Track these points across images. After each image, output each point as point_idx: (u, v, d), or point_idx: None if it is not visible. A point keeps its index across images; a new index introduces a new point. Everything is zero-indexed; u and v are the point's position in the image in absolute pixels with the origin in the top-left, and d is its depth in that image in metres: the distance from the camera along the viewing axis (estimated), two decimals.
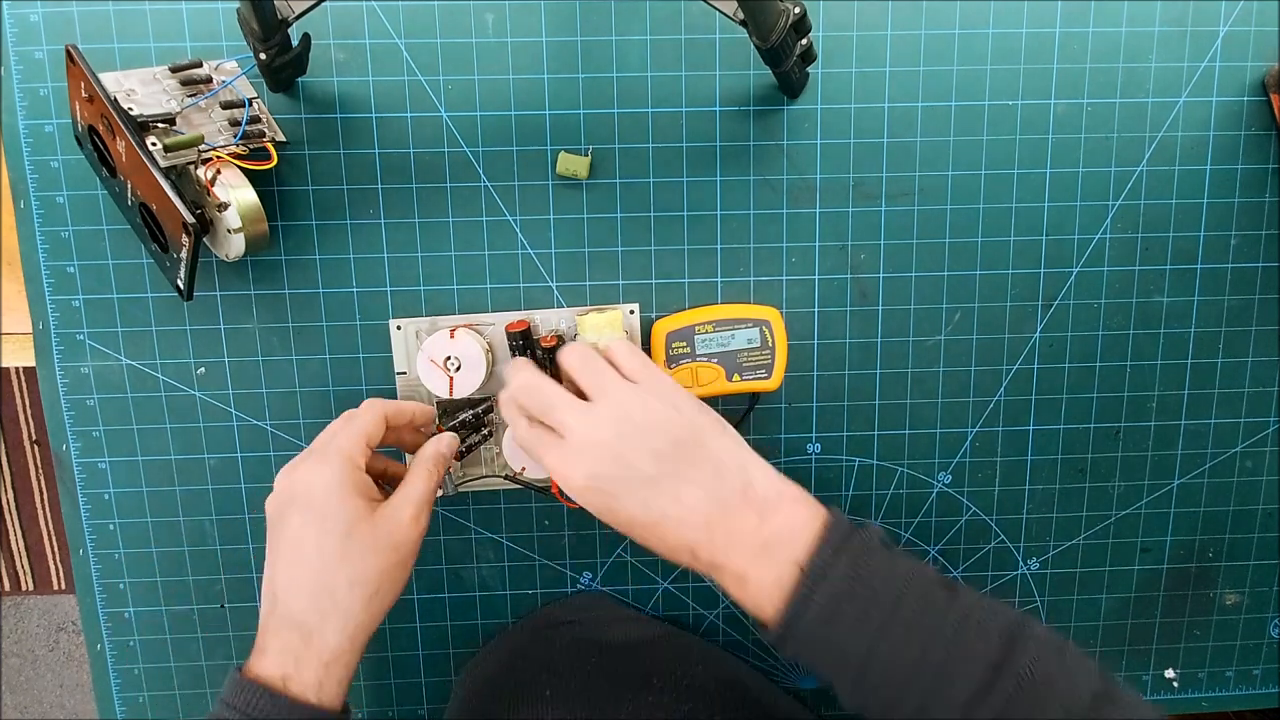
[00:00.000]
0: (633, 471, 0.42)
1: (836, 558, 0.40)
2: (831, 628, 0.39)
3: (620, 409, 0.44)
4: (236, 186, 0.48)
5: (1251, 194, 0.56)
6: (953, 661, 0.38)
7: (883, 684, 0.39)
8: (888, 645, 0.39)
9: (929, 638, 0.38)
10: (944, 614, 0.39)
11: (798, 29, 0.46)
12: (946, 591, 0.40)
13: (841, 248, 0.55)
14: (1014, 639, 0.38)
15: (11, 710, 1.52)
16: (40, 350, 0.54)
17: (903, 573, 0.40)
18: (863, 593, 0.39)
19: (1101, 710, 0.37)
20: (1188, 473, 0.59)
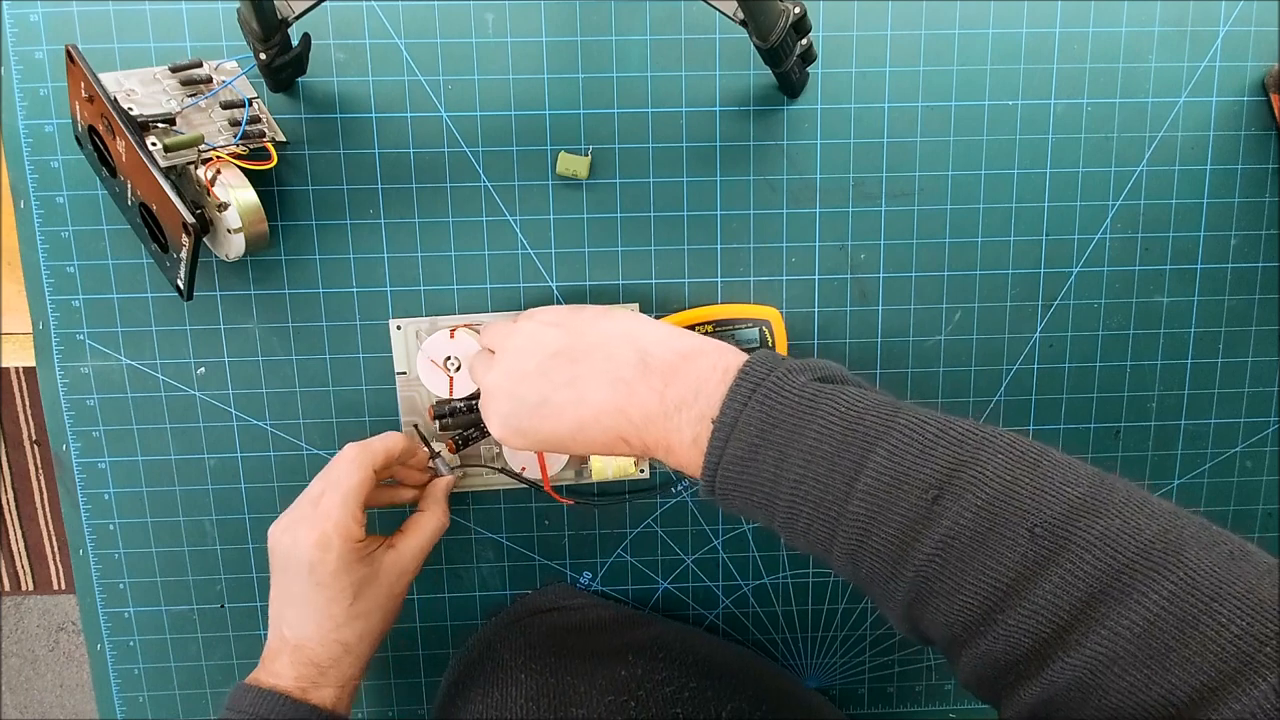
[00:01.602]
0: (527, 399, 0.43)
1: (749, 402, 0.37)
2: (749, 473, 0.37)
3: (508, 350, 0.45)
4: (236, 186, 0.48)
5: (1251, 194, 0.56)
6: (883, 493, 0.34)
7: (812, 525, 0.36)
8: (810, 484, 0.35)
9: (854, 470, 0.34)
10: (874, 441, 0.34)
11: (798, 29, 0.46)
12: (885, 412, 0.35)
13: (841, 248, 0.55)
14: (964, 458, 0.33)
15: (11, 710, 1.52)
16: (40, 350, 0.54)
17: (828, 403, 0.36)
18: (778, 434, 0.36)
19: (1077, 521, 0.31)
20: (1188, 473, 0.59)
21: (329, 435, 0.56)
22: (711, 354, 0.40)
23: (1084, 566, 0.30)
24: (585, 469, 0.56)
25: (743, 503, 0.38)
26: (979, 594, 0.32)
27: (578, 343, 0.43)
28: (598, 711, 0.47)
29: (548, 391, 0.42)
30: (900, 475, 0.33)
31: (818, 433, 0.35)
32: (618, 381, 0.41)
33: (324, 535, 0.46)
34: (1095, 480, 0.33)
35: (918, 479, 0.33)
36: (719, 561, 0.59)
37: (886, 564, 0.34)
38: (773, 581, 0.60)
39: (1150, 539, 0.31)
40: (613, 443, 0.42)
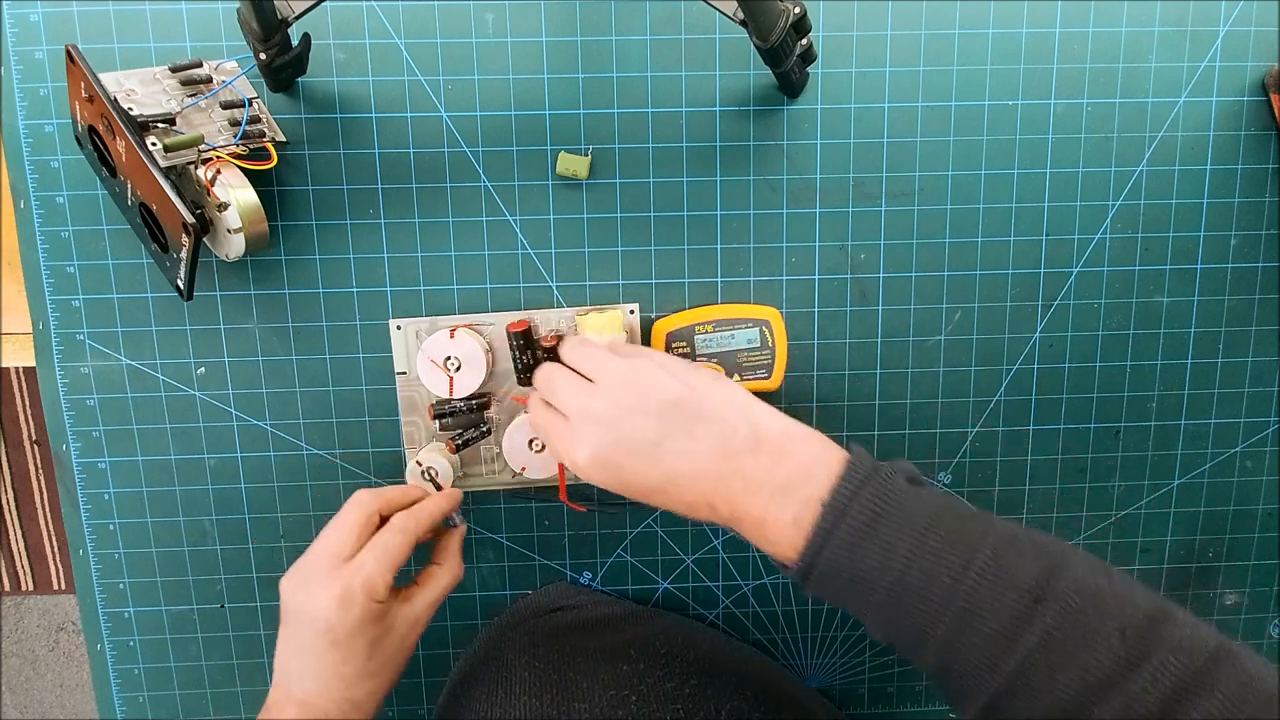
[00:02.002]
0: (633, 438, 0.42)
1: (859, 491, 0.39)
2: (855, 558, 0.38)
3: (615, 381, 0.44)
4: (236, 186, 0.48)
5: (1251, 194, 0.56)
6: (987, 590, 0.36)
7: (910, 618, 0.38)
8: (915, 574, 0.37)
9: (961, 567, 0.37)
10: (978, 540, 0.38)
11: (798, 29, 0.46)
12: (983, 520, 0.39)
13: (841, 248, 0.55)
14: (1057, 564, 0.37)
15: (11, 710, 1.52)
16: (40, 350, 0.54)
17: (933, 503, 0.39)
18: (887, 524, 0.38)
19: (1159, 629, 0.35)
20: (1188, 473, 0.59)
21: (329, 435, 0.56)
22: (817, 442, 0.42)
23: (1170, 667, 0.34)
24: None
25: (838, 585, 0.39)
26: (1074, 689, 0.35)
27: (697, 401, 0.43)
28: (599, 706, 0.47)
29: (658, 437, 0.42)
30: (1003, 576, 0.37)
31: (924, 529, 0.38)
32: (728, 450, 0.42)
33: (348, 591, 0.44)
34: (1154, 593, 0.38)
35: (1021, 581, 0.36)
36: (719, 561, 0.59)
37: (986, 657, 0.36)
38: (773, 581, 0.60)
39: (1216, 646, 0.35)
40: (697, 505, 0.42)
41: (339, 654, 0.45)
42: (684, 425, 0.42)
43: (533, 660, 0.51)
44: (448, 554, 0.50)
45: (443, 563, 0.49)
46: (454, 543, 0.50)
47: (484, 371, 0.53)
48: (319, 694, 0.45)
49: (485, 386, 0.54)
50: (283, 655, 0.46)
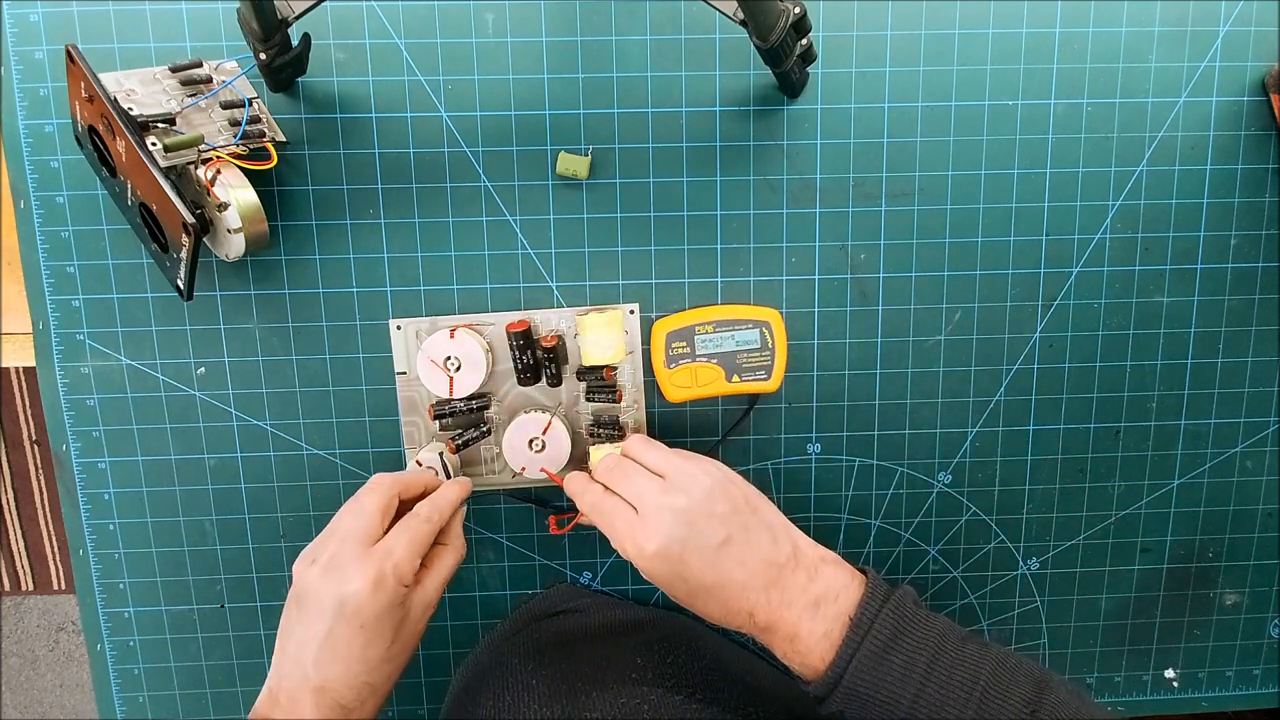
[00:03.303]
0: (704, 537, 0.45)
1: (880, 612, 0.43)
2: (879, 675, 0.42)
3: (691, 483, 0.46)
4: (236, 186, 0.48)
5: (1251, 194, 0.56)
6: (992, 703, 0.41)
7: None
8: (933, 689, 0.42)
9: (970, 682, 0.42)
10: (979, 661, 0.42)
11: (798, 29, 0.46)
12: (976, 642, 0.44)
13: (841, 248, 0.55)
14: (1043, 683, 0.42)
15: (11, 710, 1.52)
16: (40, 350, 0.54)
17: (939, 625, 0.44)
18: (906, 642, 0.43)
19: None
20: (1188, 473, 0.59)
21: (329, 435, 0.56)
22: (842, 565, 0.46)
23: None
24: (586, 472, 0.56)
25: (865, 697, 0.43)
26: None
27: (756, 513, 0.46)
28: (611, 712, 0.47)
29: (722, 541, 0.45)
30: (1004, 692, 0.42)
31: (936, 647, 0.43)
32: (771, 564, 0.45)
33: (381, 574, 0.44)
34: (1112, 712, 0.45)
35: (1017, 696, 0.41)
36: None
37: None
38: None
39: None
40: (737, 613, 0.45)
41: (365, 638, 0.44)
42: (745, 533, 0.46)
43: (539, 668, 0.51)
44: (451, 534, 0.50)
45: (448, 543, 0.50)
46: (456, 523, 0.50)
47: (484, 371, 0.53)
48: (340, 679, 0.44)
49: (485, 386, 0.54)
50: (298, 642, 0.45)
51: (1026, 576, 0.60)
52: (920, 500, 0.59)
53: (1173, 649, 0.62)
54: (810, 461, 0.58)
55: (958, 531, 0.59)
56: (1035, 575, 0.60)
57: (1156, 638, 0.62)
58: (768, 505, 0.48)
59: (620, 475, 0.48)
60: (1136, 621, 0.62)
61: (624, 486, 0.47)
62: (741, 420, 0.57)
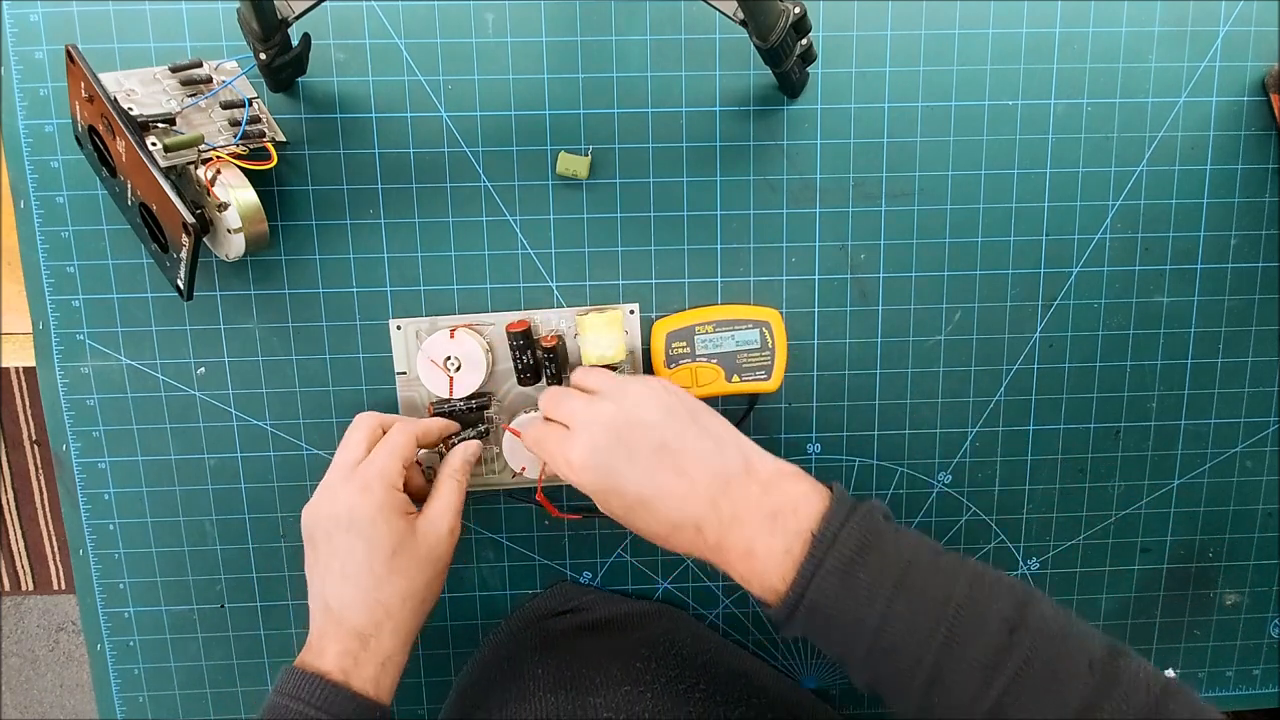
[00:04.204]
0: (634, 445, 0.43)
1: (845, 525, 0.40)
2: (844, 594, 0.39)
3: (620, 392, 0.45)
4: (236, 186, 0.48)
5: (1251, 194, 0.56)
6: (968, 621, 0.38)
7: (897, 649, 0.38)
8: (902, 607, 0.38)
9: (942, 599, 0.38)
10: (954, 576, 0.39)
11: (798, 29, 0.46)
12: (953, 557, 0.40)
13: (841, 248, 0.55)
14: (1025, 600, 0.38)
15: (11, 710, 1.52)
16: (40, 350, 0.54)
17: (911, 539, 0.41)
18: (874, 558, 0.39)
19: (1118, 662, 0.37)
20: (1188, 473, 0.59)
21: (329, 435, 0.56)
22: (804, 477, 0.43)
23: (1133, 698, 0.36)
24: None
25: (828, 618, 0.39)
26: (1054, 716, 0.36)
27: (693, 422, 0.44)
28: (615, 701, 0.47)
29: (657, 447, 0.43)
30: (981, 607, 0.38)
31: (907, 562, 0.39)
32: (718, 474, 0.42)
33: (365, 480, 0.46)
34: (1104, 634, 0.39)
35: (997, 612, 0.38)
36: None
37: (968, 691, 0.37)
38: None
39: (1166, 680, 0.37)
40: (682, 525, 0.42)
41: (365, 546, 0.45)
42: (684, 441, 0.43)
43: (546, 659, 0.52)
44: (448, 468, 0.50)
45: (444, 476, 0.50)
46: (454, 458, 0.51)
47: (484, 371, 0.53)
48: (351, 600, 0.45)
49: (485, 386, 0.54)
50: (315, 579, 0.47)
51: (1027, 576, 0.60)
52: (920, 500, 0.59)
53: (1173, 649, 0.62)
54: (810, 461, 0.58)
55: (958, 531, 0.59)
56: (1035, 575, 0.60)
57: (1156, 638, 0.62)
58: (714, 417, 0.45)
59: (555, 400, 0.47)
60: (1136, 621, 0.62)
61: (558, 410, 0.46)
62: (742, 420, 0.57)
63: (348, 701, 0.44)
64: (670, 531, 0.43)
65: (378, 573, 0.45)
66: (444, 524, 0.48)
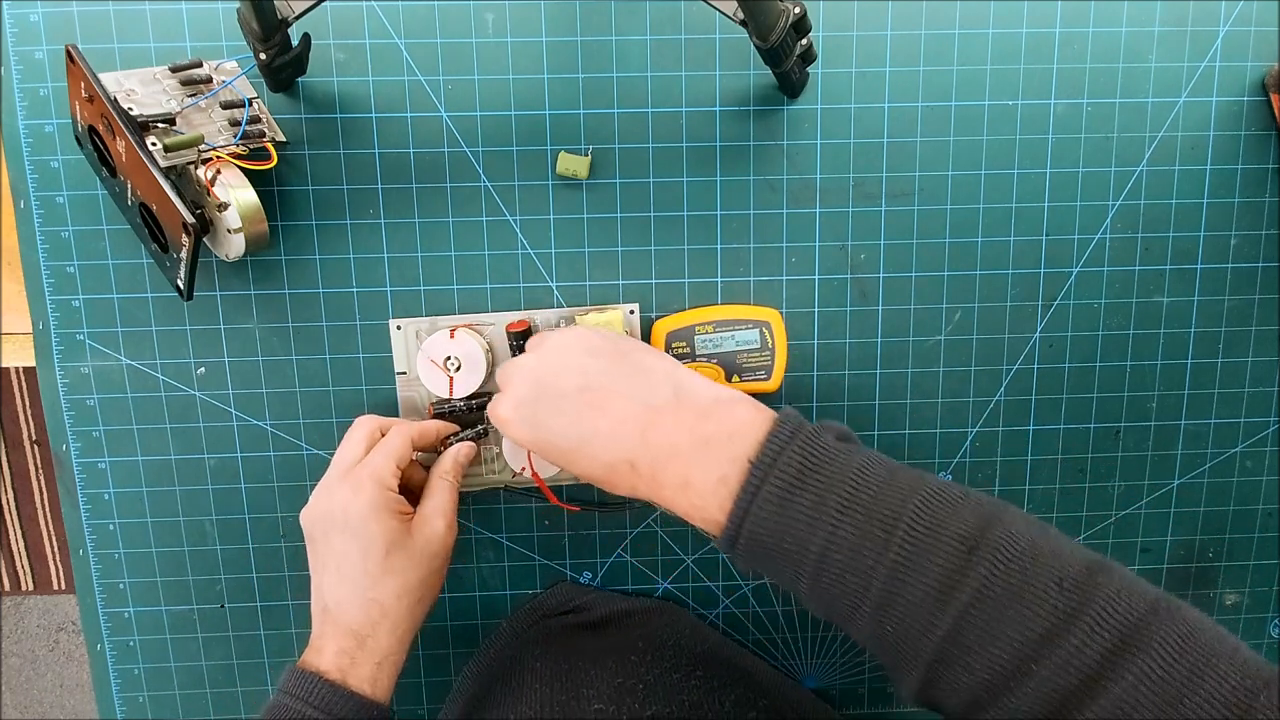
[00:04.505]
0: (556, 390, 0.42)
1: (786, 447, 0.38)
2: (784, 521, 0.37)
3: (541, 343, 0.45)
4: (236, 186, 0.48)
5: (1251, 194, 0.56)
6: (921, 541, 0.35)
7: (844, 577, 0.36)
8: (847, 530, 0.36)
9: (891, 519, 0.35)
10: (908, 494, 0.36)
11: (798, 29, 0.46)
12: (912, 474, 0.38)
13: (841, 248, 0.55)
14: (991, 516, 0.35)
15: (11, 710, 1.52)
16: (40, 350, 0.54)
17: (861, 458, 0.38)
18: (816, 477, 0.37)
19: (1096, 579, 0.33)
20: (1188, 473, 0.59)
21: (329, 435, 0.56)
22: (746, 404, 0.41)
23: (1109, 618, 0.32)
24: None
25: (769, 548, 0.37)
26: (1013, 645, 0.33)
27: (623, 358, 0.43)
28: (607, 694, 0.47)
29: (580, 387, 0.42)
30: (936, 527, 0.35)
31: (854, 483, 0.36)
32: (647, 405, 0.41)
33: (358, 480, 0.46)
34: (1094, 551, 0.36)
35: (953, 531, 0.35)
36: (719, 561, 0.59)
37: (921, 616, 0.35)
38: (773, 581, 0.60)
39: (1155, 597, 0.33)
40: (615, 464, 0.41)
41: (359, 545, 0.46)
42: (608, 380, 0.42)
43: (544, 655, 0.52)
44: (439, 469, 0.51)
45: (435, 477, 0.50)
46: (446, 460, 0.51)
47: (484, 371, 0.53)
48: (346, 598, 0.46)
49: (485, 386, 0.54)
50: (315, 577, 0.47)
51: None
52: None
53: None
54: None
55: None
56: None
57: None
58: (647, 351, 0.44)
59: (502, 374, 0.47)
60: None
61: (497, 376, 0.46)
62: None
63: (345, 701, 0.44)
64: (607, 472, 0.42)
65: (372, 572, 0.46)
66: (438, 523, 0.48)
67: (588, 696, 0.47)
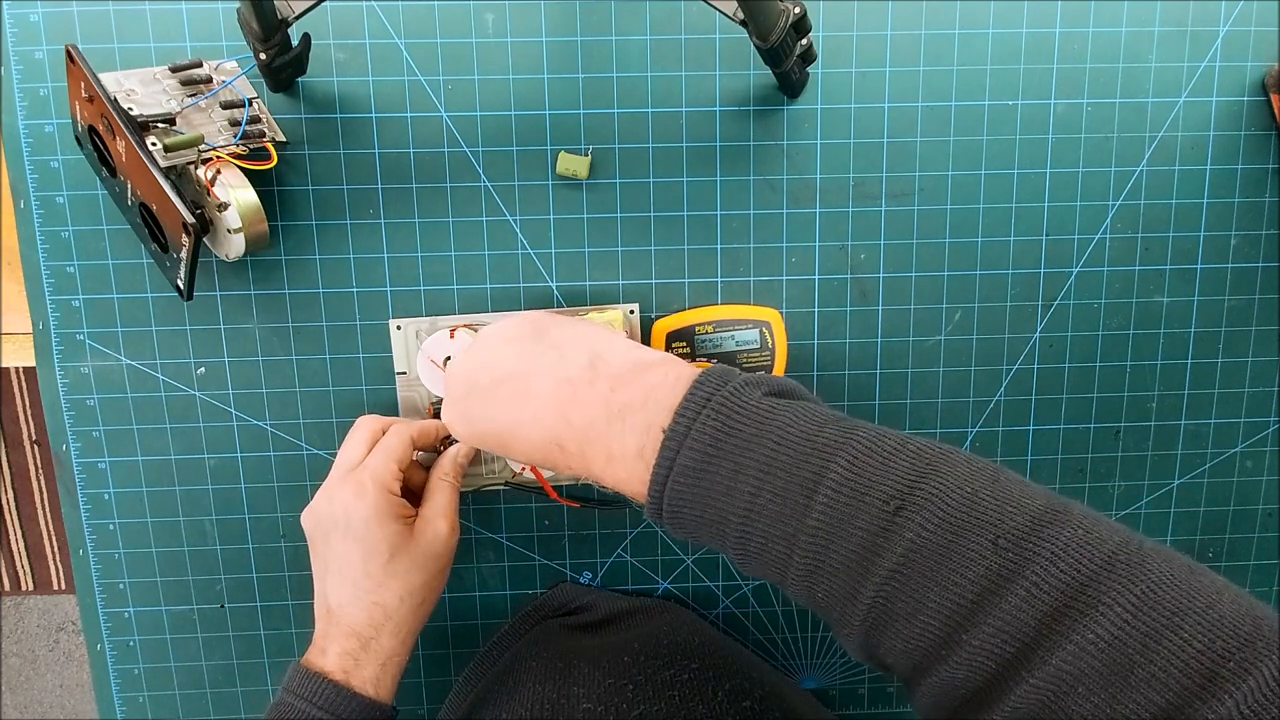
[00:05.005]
0: (483, 385, 0.42)
1: (701, 412, 0.35)
2: (702, 492, 0.34)
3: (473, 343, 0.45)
4: (236, 186, 0.48)
5: (1251, 194, 0.56)
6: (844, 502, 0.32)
7: (768, 543, 0.34)
8: (767, 497, 0.33)
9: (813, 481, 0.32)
10: (836, 449, 0.33)
11: (798, 29, 0.46)
12: (843, 425, 0.34)
13: (841, 248, 0.55)
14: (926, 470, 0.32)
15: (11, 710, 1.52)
16: (40, 350, 0.54)
17: (786, 415, 0.34)
18: (734, 441, 0.34)
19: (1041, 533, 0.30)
20: (1188, 473, 0.59)
21: (329, 435, 0.56)
22: (665, 364, 0.38)
23: (1050, 579, 0.29)
24: None
25: (692, 520, 0.36)
26: (942, 611, 0.30)
27: (536, 340, 0.42)
28: (597, 693, 0.47)
29: (500, 377, 0.41)
30: (860, 487, 0.32)
31: (774, 444, 0.34)
32: (563, 382, 0.39)
33: (359, 484, 0.46)
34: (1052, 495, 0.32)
35: (879, 490, 0.32)
36: (719, 561, 0.59)
37: (846, 582, 0.32)
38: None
39: (1113, 550, 0.29)
40: (547, 447, 0.40)
41: (361, 549, 0.46)
42: (525, 365, 0.41)
43: (540, 655, 0.52)
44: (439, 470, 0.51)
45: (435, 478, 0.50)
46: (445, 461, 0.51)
47: None
48: (349, 600, 0.46)
49: None
50: (318, 580, 0.47)
51: None
52: None
53: None
54: None
55: None
56: None
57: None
58: (565, 325, 0.42)
59: None
60: None
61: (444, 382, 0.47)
62: None
63: (349, 701, 0.44)
64: (543, 456, 0.40)
65: (375, 576, 0.46)
66: (440, 525, 0.48)
67: (578, 696, 0.47)
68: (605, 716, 0.46)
